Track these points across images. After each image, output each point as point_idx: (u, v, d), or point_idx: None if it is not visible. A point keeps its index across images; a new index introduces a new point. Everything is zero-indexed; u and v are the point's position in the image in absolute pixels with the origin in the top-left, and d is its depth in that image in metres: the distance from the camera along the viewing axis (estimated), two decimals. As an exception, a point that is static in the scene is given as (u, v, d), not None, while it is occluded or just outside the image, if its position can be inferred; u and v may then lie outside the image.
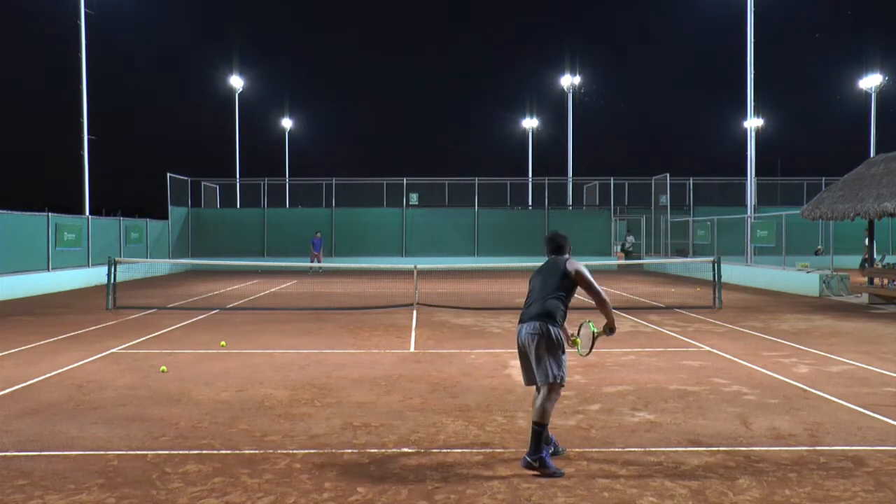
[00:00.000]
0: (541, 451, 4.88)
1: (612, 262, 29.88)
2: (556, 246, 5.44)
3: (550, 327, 5.03)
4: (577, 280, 5.18)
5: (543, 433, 4.93)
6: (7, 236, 18.82)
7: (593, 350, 5.37)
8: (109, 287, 15.18)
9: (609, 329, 5.25)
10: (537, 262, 5.92)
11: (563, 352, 5.07)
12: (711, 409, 6.59)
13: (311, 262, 27.64)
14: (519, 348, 5.21)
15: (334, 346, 10.40)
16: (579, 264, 5.22)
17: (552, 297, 5.13)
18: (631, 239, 33.10)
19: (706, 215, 29.24)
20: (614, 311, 5.27)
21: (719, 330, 11.97)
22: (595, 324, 5.37)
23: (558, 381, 5.00)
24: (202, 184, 33.40)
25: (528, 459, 4.88)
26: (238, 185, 35.78)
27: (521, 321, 5.21)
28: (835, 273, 18.58)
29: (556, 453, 5.14)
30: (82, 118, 25.70)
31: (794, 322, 13.11)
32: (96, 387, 7.59)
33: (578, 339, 5.34)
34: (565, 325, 5.20)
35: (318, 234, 29.03)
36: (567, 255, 5.42)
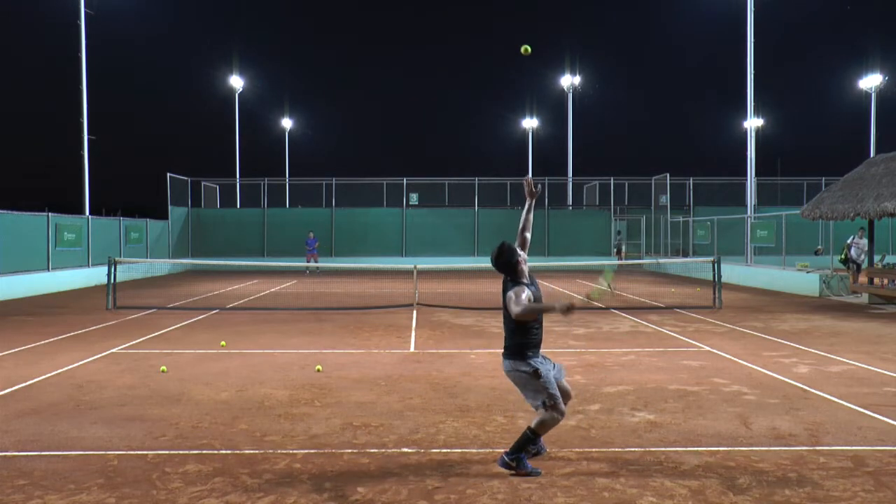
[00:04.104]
0: (520, 452, 4.87)
1: (613, 262, 29.88)
2: (499, 268, 4.98)
3: (517, 366, 4.91)
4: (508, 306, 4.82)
5: (530, 441, 4.91)
6: (7, 236, 18.81)
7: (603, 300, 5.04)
8: (109, 287, 15.18)
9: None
10: (537, 263, 5.90)
11: (540, 377, 4.85)
12: (711, 409, 6.59)
13: (308, 262, 27.61)
14: None
15: (334, 346, 10.40)
16: (513, 289, 4.81)
17: (509, 329, 4.96)
18: (619, 237, 33.36)
19: (706, 215, 29.24)
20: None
21: (719, 330, 11.97)
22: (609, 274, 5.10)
23: (537, 408, 4.90)
24: (202, 184, 33.39)
25: (506, 458, 4.88)
26: (238, 185, 35.81)
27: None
28: (835, 273, 18.59)
29: (537, 454, 5.13)
30: (82, 118, 25.70)
31: (794, 322, 13.11)
32: (96, 387, 7.60)
33: (599, 286, 5.01)
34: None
35: (312, 234, 28.95)
36: (511, 277, 4.95)
